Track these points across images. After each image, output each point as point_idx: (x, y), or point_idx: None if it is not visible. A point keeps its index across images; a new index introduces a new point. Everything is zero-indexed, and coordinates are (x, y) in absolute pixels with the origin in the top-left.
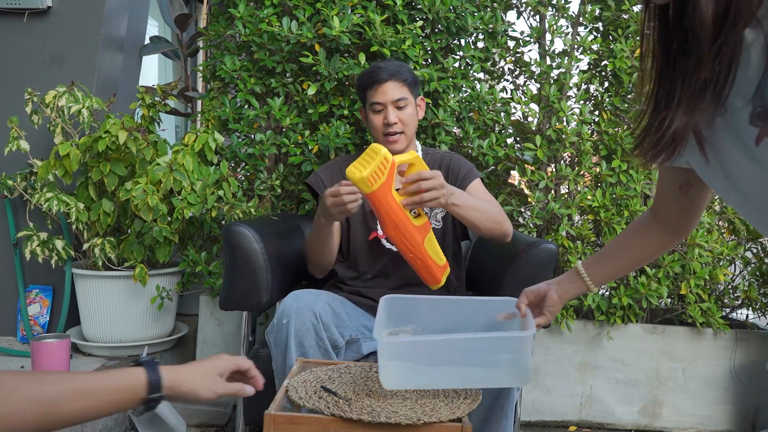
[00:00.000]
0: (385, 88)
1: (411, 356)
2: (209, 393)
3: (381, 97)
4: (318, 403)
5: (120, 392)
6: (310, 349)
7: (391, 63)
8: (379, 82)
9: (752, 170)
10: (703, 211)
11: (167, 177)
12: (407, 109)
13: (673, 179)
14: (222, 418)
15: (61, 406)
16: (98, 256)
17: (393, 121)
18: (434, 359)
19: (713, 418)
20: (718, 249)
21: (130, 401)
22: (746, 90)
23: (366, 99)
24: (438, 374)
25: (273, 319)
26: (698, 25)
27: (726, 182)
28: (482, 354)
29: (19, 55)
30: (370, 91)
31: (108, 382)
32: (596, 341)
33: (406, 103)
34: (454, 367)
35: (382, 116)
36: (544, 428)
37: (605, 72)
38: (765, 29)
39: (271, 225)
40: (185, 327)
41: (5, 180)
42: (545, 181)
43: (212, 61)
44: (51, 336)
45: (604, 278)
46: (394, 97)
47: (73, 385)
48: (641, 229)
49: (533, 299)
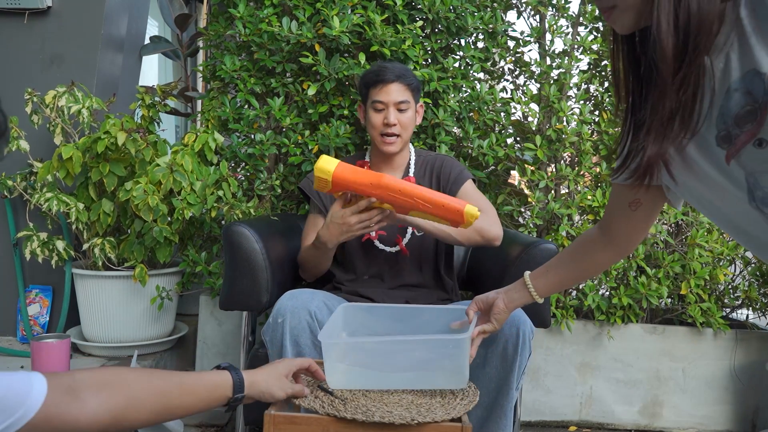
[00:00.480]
0: (390, 88)
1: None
2: (281, 392)
3: (384, 97)
4: (314, 402)
5: (214, 390)
6: (306, 348)
7: (397, 65)
8: (385, 81)
9: (729, 189)
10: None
11: (167, 177)
12: (408, 113)
13: (624, 196)
14: (222, 418)
15: (171, 399)
16: (98, 256)
17: (393, 122)
18: (373, 361)
19: (713, 418)
20: (718, 249)
21: (220, 399)
22: (712, 113)
23: (368, 96)
24: (378, 375)
25: (269, 319)
26: (660, 58)
27: (707, 204)
28: (420, 356)
29: (19, 55)
30: (373, 89)
31: (205, 380)
32: (596, 341)
33: (408, 106)
34: (394, 368)
35: (383, 116)
36: (544, 428)
37: (605, 72)
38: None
39: (271, 225)
40: (185, 327)
41: (5, 180)
42: (545, 181)
43: (212, 61)
44: (51, 336)
45: (549, 290)
46: (397, 99)
47: (178, 380)
48: (588, 244)
49: (483, 307)
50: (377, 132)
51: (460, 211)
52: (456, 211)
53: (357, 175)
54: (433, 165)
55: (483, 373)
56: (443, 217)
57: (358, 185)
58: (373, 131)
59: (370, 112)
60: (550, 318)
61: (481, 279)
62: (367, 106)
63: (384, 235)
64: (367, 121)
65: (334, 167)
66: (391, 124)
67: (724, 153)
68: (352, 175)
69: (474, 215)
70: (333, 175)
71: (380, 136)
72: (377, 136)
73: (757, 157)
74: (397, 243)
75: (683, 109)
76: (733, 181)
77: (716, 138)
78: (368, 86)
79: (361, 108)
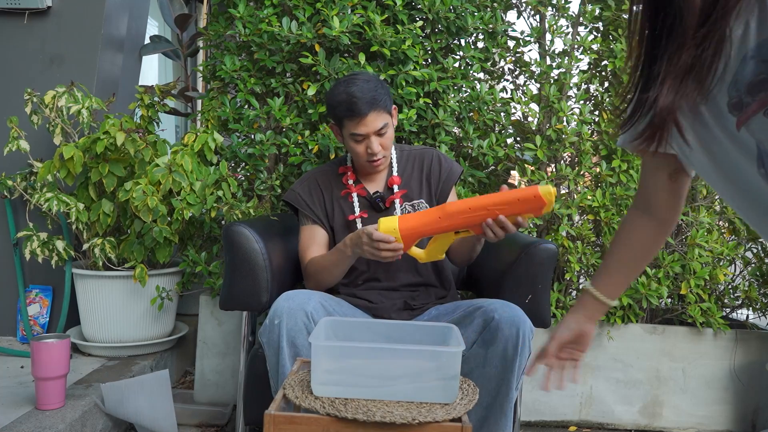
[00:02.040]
0: (366, 120)
1: (342, 362)
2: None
3: (363, 129)
4: (314, 403)
5: None
6: (303, 349)
7: (365, 88)
8: (360, 115)
9: (738, 155)
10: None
11: (166, 178)
12: (388, 132)
13: (663, 170)
14: (222, 418)
15: None
16: (98, 257)
17: (377, 151)
18: (363, 367)
19: (713, 418)
20: (718, 249)
21: None
22: (725, 78)
23: (343, 126)
24: (366, 383)
25: (265, 320)
26: (686, 8)
27: (714, 170)
28: (411, 367)
29: (19, 55)
30: (349, 122)
31: None
32: (596, 341)
33: (387, 128)
34: (383, 376)
35: (365, 145)
36: (544, 428)
37: (605, 72)
38: (745, 21)
39: (271, 225)
40: (185, 327)
41: (5, 180)
42: (545, 181)
43: (212, 61)
44: (51, 336)
45: (617, 290)
46: (376, 128)
47: None
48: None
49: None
50: (363, 160)
51: (537, 196)
52: (533, 198)
53: (421, 218)
54: (422, 159)
55: (483, 373)
56: (523, 211)
57: (427, 226)
58: (357, 158)
59: (349, 141)
60: (550, 318)
61: (481, 279)
62: (344, 134)
63: None
64: (348, 148)
65: (396, 225)
66: (375, 152)
67: (734, 120)
68: (416, 221)
69: (551, 192)
70: (399, 231)
71: (367, 162)
72: (363, 162)
73: (766, 127)
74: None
75: (700, 66)
76: (744, 147)
77: (728, 104)
78: (341, 118)
79: (335, 128)
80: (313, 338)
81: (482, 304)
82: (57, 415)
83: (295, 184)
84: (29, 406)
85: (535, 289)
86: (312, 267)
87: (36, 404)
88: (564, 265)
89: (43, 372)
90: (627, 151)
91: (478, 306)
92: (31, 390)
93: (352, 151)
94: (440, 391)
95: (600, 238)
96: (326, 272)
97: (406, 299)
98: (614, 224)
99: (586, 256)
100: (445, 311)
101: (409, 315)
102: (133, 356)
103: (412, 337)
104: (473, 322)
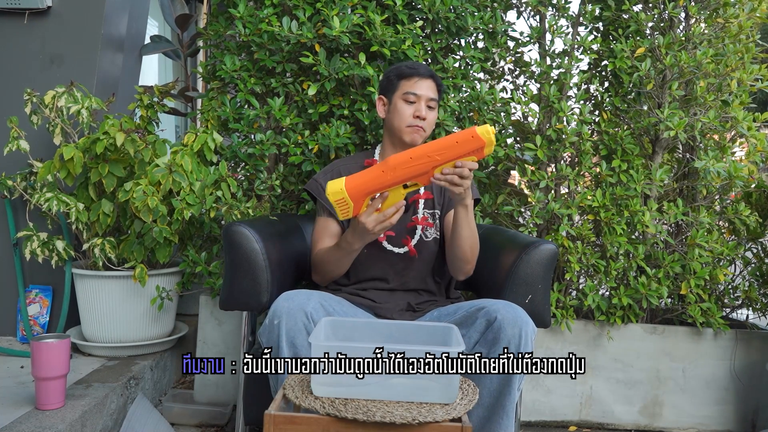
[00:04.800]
0: (425, 84)
1: (342, 362)
2: None
3: (419, 90)
4: (314, 403)
5: None
6: (303, 349)
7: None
8: (421, 76)
9: None
10: None
11: (166, 178)
12: (433, 113)
13: None
14: (222, 418)
15: None
16: (98, 257)
17: (424, 116)
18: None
19: (713, 418)
20: (718, 249)
21: None
22: None
23: (398, 88)
24: (365, 383)
25: (265, 320)
26: None
27: None
28: (411, 367)
29: (19, 55)
30: (407, 81)
31: None
32: (596, 341)
33: (435, 105)
34: (383, 377)
35: (414, 108)
36: (544, 428)
37: (605, 72)
38: None
39: (271, 225)
40: (185, 327)
41: (5, 180)
42: (545, 181)
43: (212, 61)
44: (51, 336)
45: None
46: (429, 95)
47: None
48: None
49: None
50: (405, 123)
51: (475, 136)
52: (471, 138)
53: (366, 174)
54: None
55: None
56: (465, 153)
57: (373, 181)
58: (400, 121)
59: (399, 103)
60: (550, 318)
61: (481, 279)
62: (395, 97)
63: (392, 236)
64: (392, 113)
65: (343, 184)
66: (422, 117)
67: None
68: (361, 178)
69: (489, 131)
70: (346, 189)
71: (407, 127)
72: (403, 127)
73: None
74: (405, 244)
75: None
76: None
77: None
78: (400, 77)
79: (382, 100)
80: (313, 338)
81: (484, 305)
82: (57, 415)
83: (318, 174)
84: (29, 406)
85: (535, 289)
86: (318, 258)
87: (36, 404)
88: (564, 265)
89: (43, 372)
90: (627, 151)
91: (481, 306)
92: (31, 390)
93: (399, 114)
94: (440, 391)
95: (600, 238)
96: (332, 265)
97: (410, 302)
98: (614, 224)
99: (586, 256)
100: (446, 312)
101: (411, 316)
102: (133, 356)
103: (412, 337)
104: (476, 322)
